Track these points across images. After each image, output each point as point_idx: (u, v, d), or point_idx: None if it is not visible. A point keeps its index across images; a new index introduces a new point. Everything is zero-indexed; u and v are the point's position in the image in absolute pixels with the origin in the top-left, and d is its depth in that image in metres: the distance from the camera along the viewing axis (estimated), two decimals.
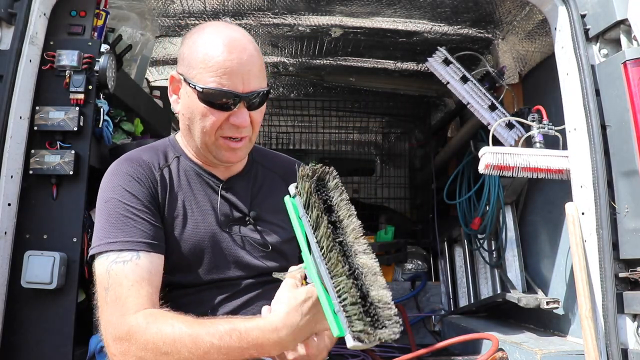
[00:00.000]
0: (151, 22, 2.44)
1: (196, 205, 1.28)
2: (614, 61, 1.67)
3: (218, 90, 1.18)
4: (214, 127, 1.22)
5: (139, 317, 1.02)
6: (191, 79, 1.21)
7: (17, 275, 1.62)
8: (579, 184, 1.75)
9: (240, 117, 1.21)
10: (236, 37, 1.23)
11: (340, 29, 2.61)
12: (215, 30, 1.25)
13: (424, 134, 3.99)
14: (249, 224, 1.32)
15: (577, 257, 1.66)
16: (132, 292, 1.05)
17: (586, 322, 1.59)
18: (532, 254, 2.42)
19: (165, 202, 1.25)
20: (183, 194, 1.28)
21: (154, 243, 1.15)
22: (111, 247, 1.10)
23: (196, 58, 1.21)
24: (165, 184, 1.26)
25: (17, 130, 1.66)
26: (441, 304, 3.14)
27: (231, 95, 1.19)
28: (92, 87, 1.77)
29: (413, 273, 3.29)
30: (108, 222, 1.14)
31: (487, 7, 2.29)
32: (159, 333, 0.99)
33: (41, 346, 1.50)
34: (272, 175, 1.43)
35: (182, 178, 1.30)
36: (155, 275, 1.12)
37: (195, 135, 1.26)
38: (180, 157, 1.34)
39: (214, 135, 1.24)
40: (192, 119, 1.24)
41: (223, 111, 1.21)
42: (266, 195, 1.38)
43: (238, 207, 1.32)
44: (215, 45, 1.20)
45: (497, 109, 2.32)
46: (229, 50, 1.19)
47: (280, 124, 4.29)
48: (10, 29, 1.68)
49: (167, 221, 1.24)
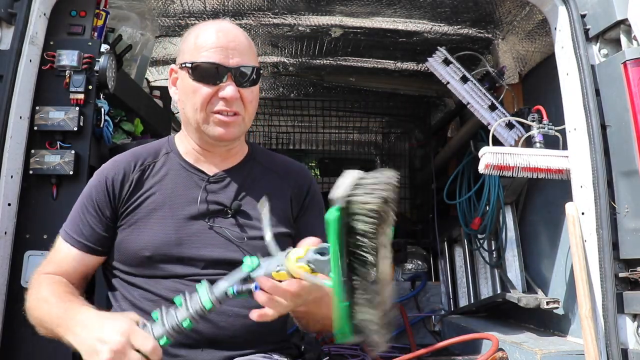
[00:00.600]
0: (151, 22, 2.44)
1: (177, 199, 1.32)
2: (614, 61, 1.67)
3: (205, 62, 1.26)
4: (204, 101, 1.27)
5: (43, 276, 1.28)
6: (184, 61, 1.30)
7: (17, 275, 1.63)
8: (579, 184, 1.75)
9: (227, 89, 1.27)
10: (225, 25, 1.34)
11: (340, 29, 2.61)
12: (206, 23, 1.35)
13: (424, 134, 3.99)
14: (230, 216, 1.32)
15: (577, 257, 1.66)
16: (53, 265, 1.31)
17: (586, 322, 1.59)
18: (532, 254, 2.42)
19: (139, 195, 1.32)
20: (167, 186, 1.33)
21: (87, 245, 1.31)
22: (62, 234, 1.34)
23: (189, 45, 1.31)
24: (142, 180, 1.34)
25: (17, 130, 1.67)
26: (441, 304, 3.14)
27: (218, 67, 1.26)
28: (92, 87, 1.77)
29: (413, 273, 3.29)
30: (72, 213, 1.36)
31: (487, 7, 2.29)
32: (38, 291, 1.23)
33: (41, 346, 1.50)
34: (270, 173, 1.43)
35: (165, 173, 1.35)
36: (74, 266, 1.31)
37: (190, 117, 1.31)
38: (170, 154, 1.38)
39: (205, 110, 1.28)
40: (185, 100, 1.31)
41: (211, 85, 1.27)
42: (258, 190, 1.37)
43: (219, 201, 1.33)
44: (205, 31, 1.31)
45: (497, 109, 2.32)
46: (216, 31, 1.30)
47: (280, 124, 4.29)
48: (10, 29, 1.68)
49: (143, 211, 1.30)
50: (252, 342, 1.27)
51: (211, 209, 1.31)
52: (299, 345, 1.42)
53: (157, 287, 1.25)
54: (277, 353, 1.30)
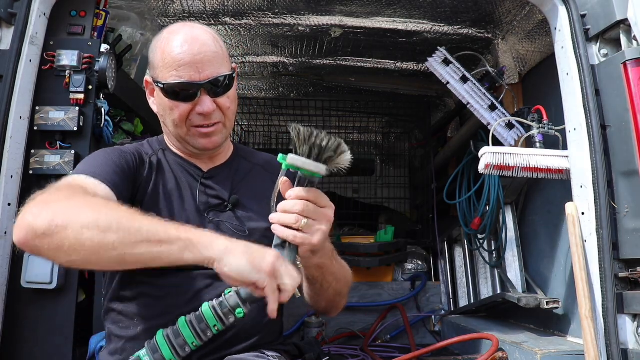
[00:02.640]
0: (151, 22, 2.44)
1: (178, 192, 1.33)
2: (614, 61, 1.67)
3: (176, 82, 1.26)
4: (182, 119, 1.29)
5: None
6: (156, 78, 1.30)
7: (17, 275, 1.62)
8: (579, 184, 1.75)
9: (203, 105, 1.27)
10: (187, 31, 1.29)
11: (340, 29, 2.61)
12: (168, 30, 1.33)
13: (424, 134, 3.99)
14: (229, 209, 1.35)
15: (577, 257, 1.66)
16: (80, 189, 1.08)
17: (586, 322, 1.59)
18: (532, 254, 2.42)
19: (150, 182, 1.31)
20: (169, 180, 1.34)
21: (118, 190, 1.18)
22: (87, 172, 1.16)
23: (157, 58, 1.30)
24: (153, 167, 1.34)
25: (17, 130, 1.67)
26: (441, 304, 3.13)
27: (189, 85, 1.26)
28: (92, 87, 1.77)
29: (413, 273, 3.29)
30: (91, 161, 1.23)
31: (487, 7, 2.29)
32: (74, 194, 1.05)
33: (41, 346, 1.51)
34: (253, 167, 1.48)
35: (165, 167, 1.37)
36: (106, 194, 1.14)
37: (171, 130, 1.34)
38: (166, 151, 1.41)
39: (184, 126, 1.31)
40: (164, 115, 1.33)
41: (187, 102, 1.28)
42: (248, 183, 1.43)
43: (218, 195, 1.36)
44: (169, 42, 1.28)
45: (497, 109, 2.32)
46: (181, 44, 1.26)
47: (280, 124, 4.28)
48: (10, 29, 1.68)
49: (148, 202, 1.28)
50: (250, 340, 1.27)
51: (210, 203, 1.34)
52: (299, 345, 1.42)
53: (161, 281, 1.25)
54: (276, 352, 1.30)
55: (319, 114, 4.08)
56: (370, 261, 3.11)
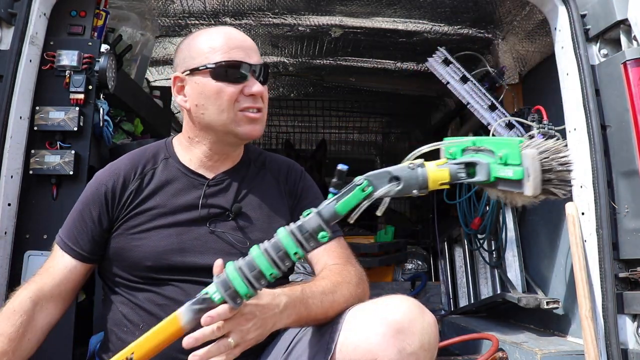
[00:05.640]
0: (151, 22, 2.44)
1: (176, 204, 1.30)
2: (614, 61, 1.67)
3: (230, 61, 1.25)
4: (231, 101, 1.26)
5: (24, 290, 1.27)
6: (201, 65, 1.27)
7: (17, 275, 1.62)
8: (579, 184, 1.75)
9: (255, 85, 1.27)
10: (230, 28, 1.34)
11: (340, 29, 2.61)
12: (208, 29, 1.34)
13: (424, 134, 3.99)
14: (231, 219, 1.31)
15: (577, 257, 1.66)
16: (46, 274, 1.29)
17: (586, 322, 1.59)
18: (532, 254, 2.42)
19: (133, 204, 1.30)
20: (162, 195, 1.31)
21: (82, 254, 1.29)
22: (58, 241, 1.32)
23: (200, 49, 1.28)
24: (142, 188, 1.32)
25: (17, 130, 1.67)
26: (441, 304, 3.13)
27: (242, 64, 1.26)
28: (92, 87, 1.77)
29: (413, 273, 3.29)
30: (69, 219, 1.34)
31: (487, 7, 2.29)
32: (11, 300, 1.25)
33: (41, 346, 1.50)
34: (264, 172, 1.42)
35: (165, 180, 1.33)
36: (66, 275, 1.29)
37: (214, 120, 1.28)
38: (169, 159, 1.36)
39: (232, 110, 1.26)
40: (206, 104, 1.27)
41: (237, 84, 1.26)
42: (255, 190, 1.37)
43: (221, 205, 1.32)
44: (215, 35, 1.29)
45: (497, 109, 2.32)
46: (228, 35, 1.30)
47: (280, 124, 4.29)
48: (10, 29, 1.68)
49: (134, 221, 1.28)
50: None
51: (212, 213, 1.30)
52: None
53: (162, 290, 1.24)
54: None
55: (319, 114, 4.09)
56: (370, 261, 3.11)
